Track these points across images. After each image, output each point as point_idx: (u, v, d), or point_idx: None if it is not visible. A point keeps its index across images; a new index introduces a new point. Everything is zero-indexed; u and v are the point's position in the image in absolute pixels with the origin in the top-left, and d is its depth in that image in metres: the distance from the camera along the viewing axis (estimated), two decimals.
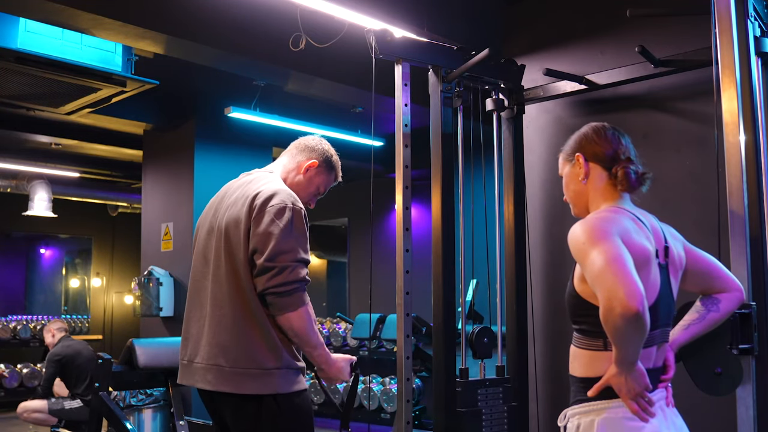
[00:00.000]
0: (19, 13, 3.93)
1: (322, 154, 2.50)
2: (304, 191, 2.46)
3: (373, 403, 5.99)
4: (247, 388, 2.18)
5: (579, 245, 1.76)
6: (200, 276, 2.36)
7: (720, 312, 1.97)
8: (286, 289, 2.15)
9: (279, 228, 2.18)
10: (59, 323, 6.33)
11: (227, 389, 2.20)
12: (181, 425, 4.29)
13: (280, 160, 2.53)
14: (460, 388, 3.16)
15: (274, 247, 2.16)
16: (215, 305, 2.26)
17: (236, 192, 2.36)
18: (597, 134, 1.98)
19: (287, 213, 2.21)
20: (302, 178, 2.47)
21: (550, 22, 3.87)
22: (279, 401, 2.19)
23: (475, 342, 3.29)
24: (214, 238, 2.33)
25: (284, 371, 2.20)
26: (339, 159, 2.56)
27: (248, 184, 2.35)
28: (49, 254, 12.63)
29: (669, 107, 3.36)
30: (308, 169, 2.47)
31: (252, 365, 2.18)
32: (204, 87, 6.25)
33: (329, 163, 2.52)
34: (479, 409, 3.20)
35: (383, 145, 7.22)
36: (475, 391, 3.20)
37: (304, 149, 2.50)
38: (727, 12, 2.28)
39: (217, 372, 2.21)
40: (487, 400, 3.23)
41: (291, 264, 2.16)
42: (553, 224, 3.68)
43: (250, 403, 2.19)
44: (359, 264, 9.51)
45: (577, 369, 1.86)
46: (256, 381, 2.18)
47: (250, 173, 2.48)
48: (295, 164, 2.49)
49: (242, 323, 2.20)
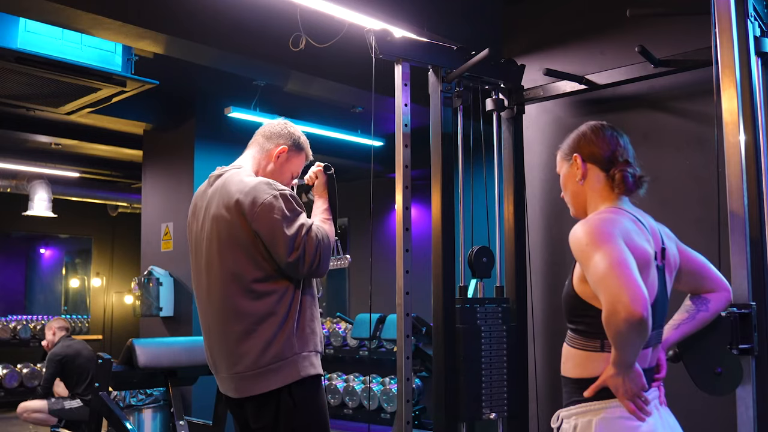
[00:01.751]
0: (19, 13, 3.94)
1: (289, 138, 2.49)
2: (279, 178, 2.44)
3: (373, 403, 5.99)
4: (266, 386, 2.22)
5: (582, 246, 1.75)
6: (197, 287, 2.40)
7: (709, 311, 1.99)
8: (318, 257, 2.23)
9: (278, 222, 2.20)
10: (61, 322, 6.32)
11: (250, 393, 2.24)
12: (181, 425, 4.29)
13: (248, 153, 2.51)
14: (459, 305, 3.16)
15: (285, 241, 2.19)
16: (215, 316, 2.30)
17: (215, 199, 2.33)
18: (595, 134, 1.97)
19: (276, 203, 2.22)
20: (274, 166, 2.46)
21: (550, 22, 3.87)
22: (293, 390, 2.23)
23: (474, 261, 3.28)
24: (203, 249, 2.35)
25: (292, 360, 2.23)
26: (306, 138, 2.55)
27: (224, 187, 2.33)
28: (49, 254, 12.63)
29: (669, 107, 3.36)
30: (279, 155, 2.46)
31: (261, 365, 2.21)
32: (204, 87, 6.25)
33: (298, 145, 2.50)
34: (478, 327, 3.19)
35: (383, 145, 7.23)
36: (473, 309, 3.20)
37: (271, 136, 2.49)
38: (727, 12, 2.28)
39: (240, 379, 2.25)
40: (486, 318, 3.23)
41: (305, 241, 2.21)
42: (553, 224, 3.68)
43: (270, 399, 2.23)
44: (359, 264, 9.49)
45: (571, 369, 1.85)
46: (271, 377, 2.21)
47: (220, 172, 2.44)
48: (265, 153, 2.47)
49: (239, 329, 2.23)
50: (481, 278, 3.30)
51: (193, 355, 4.24)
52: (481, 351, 3.17)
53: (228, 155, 2.73)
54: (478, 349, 3.16)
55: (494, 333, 3.24)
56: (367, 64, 3.04)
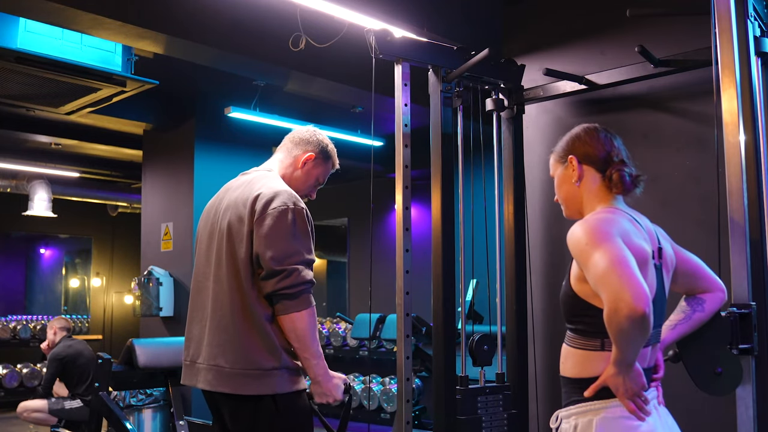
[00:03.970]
0: (19, 13, 3.94)
1: (317, 146, 2.50)
2: (304, 185, 2.47)
3: (373, 403, 5.99)
4: (246, 389, 2.18)
5: (581, 246, 1.76)
6: (202, 277, 2.37)
7: (705, 312, 1.99)
8: (294, 291, 2.16)
9: (283, 231, 2.19)
10: (63, 322, 6.31)
11: (227, 390, 2.20)
12: (181, 425, 4.29)
13: (276, 157, 2.52)
14: (459, 396, 3.15)
15: (280, 250, 2.17)
16: (216, 306, 2.27)
17: (236, 192, 2.35)
18: (589, 136, 1.97)
19: (290, 215, 2.21)
20: (300, 173, 2.47)
21: (550, 22, 3.87)
22: (278, 401, 2.19)
23: (475, 349, 3.28)
24: (215, 239, 2.33)
25: (283, 371, 2.20)
26: (334, 147, 2.56)
27: (248, 185, 2.35)
28: (49, 254, 12.63)
29: (669, 107, 3.36)
30: (305, 162, 2.47)
31: (251, 366, 2.18)
32: (204, 87, 6.25)
33: (325, 153, 2.52)
34: (479, 417, 3.19)
35: (383, 145, 7.22)
36: (474, 398, 3.19)
37: (299, 142, 2.50)
38: (727, 12, 2.27)
39: (217, 372, 2.21)
40: (487, 407, 3.22)
41: (298, 267, 2.17)
42: (553, 224, 3.68)
43: (249, 404, 2.19)
44: (359, 264, 9.51)
45: (570, 369, 1.85)
46: (255, 381, 2.18)
47: (249, 173, 2.47)
48: (292, 159, 2.48)
49: (242, 324, 2.21)
50: (482, 366, 3.30)
51: None
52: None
53: (228, 155, 2.74)
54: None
55: (495, 422, 3.23)
56: (367, 64, 3.04)
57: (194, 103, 6.48)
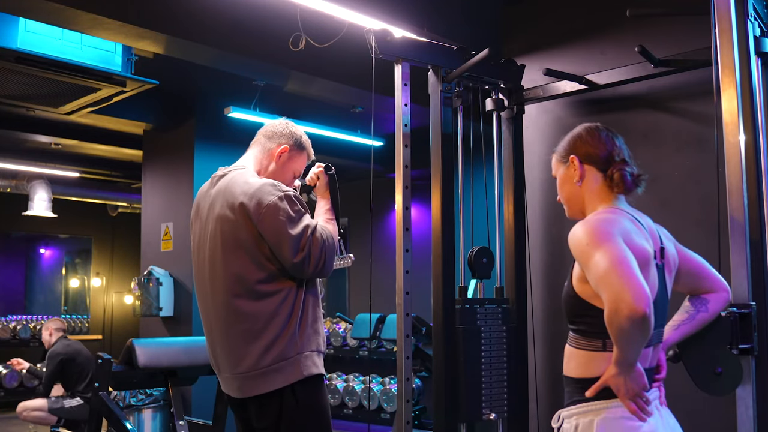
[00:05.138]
0: (19, 13, 3.94)
1: (291, 137, 2.49)
2: (281, 178, 2.44)
3: (373, 403, 5.99)
4: (269, 386, 2.21)
5: (582, 246, 1.76)
6: (200, 286, 2.40)
7: (709, 312, 1.99)
8: (323, 257, 2.25)
9: (282, 224, 2.20)
10: (58, 322, 6.32)
11: (256, 392, 2.24)
12: (181, 425, 4.29)
13: (250, 152, 2.51)
14: (459, 306, 3.16)
15: (291, 242, 2.19)
16: (218, 317, 2.30)
17: (219, 200, 2.33)
18: (591, 135, 1.97)
19: (281, 204, 2.22)
20: (275, 166, 2.47)
21: (550, 22, 3.87)
22: (296, 389, 2.22)
23: (474, 262, 3.27)
24: (206, 250, 2.34)
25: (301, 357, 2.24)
26: (308, 138, 2.55)
27: (227, 188, 2.32)
28: (49, 254, 12.62)
29: (669, 107, 3.36)
30: (280, 155, 2.46)
31: (264, 365, 2.21)
32: (204, 87, 6.25)
33: (299, 144, 2.50)
34: (478, 327, 3.19)
35: (383, 145, 7.22)
36: (473, 309, 3.19)
37: (272, 136, 2.49)
38: (727, 12, 2.28)
39: (243, 379, 2.25)
40: (486, 319, 3.23)
41: (311, 242, 2.22)
42: (553, 224, 3.68)
43: (273, 398, 2.23)
44: (359, 264, 9.50)
45: (573, 369, 1.85)
46: (277, 375, 2.21)
47: (223, 172, 2.44)
48: (267, 153, 2.48)
49: (242, 329, 2.23)
50: (481, 279, 3.30)
51: (193, 355, 4.23)
52: (481, 351, 3.17)
53: (228, 155, 2.74)
54: (477, 350, 3.16)
55: (494, 333, 3.24)
56: (367, 64, 3.04)
57: (194, 103, 6.48)
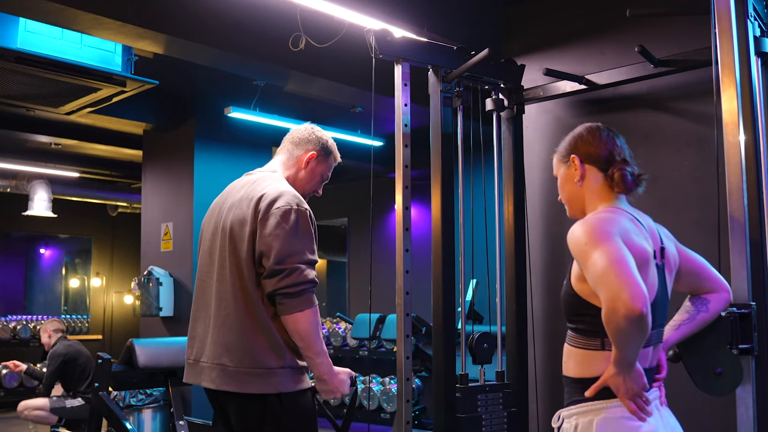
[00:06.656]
0: (19, 13, 3.94)
1: (317, 143, 2.50)
2: (310, 183, 2.48)
3: (372, 403, 5.99)
4: (251, 388, 2.18)
5: (580, 246, 1.76)
6: (206, 276, 2.37)
7: (709, 312, 1.99)
8: (296, 290, 2.16)
9: (285, 231, 2.19)
10: (56, 324, 6.31)
11: (231, 388, 2.21)
12: (181, 425, 4.29)
13: (278, 158, 2.52)
14: (459, 394, 3.15)
15: (282, 249, 2.17)
16: (220, 305, 2.27)
17: (240, 192, 2.36)
18: (591, 135, 1.97)
19: (293, 215, 2.21)
20: (305, 173, 2.48)
21: (550, 22, 3.87)
22: (283, 400, 2.19)
23: (474, 348, 3.28)
24: (218, 238, 2.34)
25: (288, 370, 2.21)
26: (333, 141, 2.56)
27: (252, 185, 2.35)
28: (48, 254, 12.63)
29: (669, 107, 3.36)
30: (308, 161, 2.48)
31: (256, 365, 2.18)
32: (204, 87, 6.25)
33: (326, 149, 2.52)
34: (479, 415, 3.19)
35: (383, 145, 7.22)
36: (474, 396, 3.20)
37: (299, 142, 2.50)
38: (727, 12, 2.28)
39: (221, 371, 2.22)
40: (487, 405, 3.23)
41: (300, 266, 2.17)
42: (553, 224, 3.68)
43: (254, 403, 2.20)
44: (359, 264, 9.50)
45: (572, 369, 1.85)
46: (260, 380, 2.18)
47: (253, 173, 2.48)
48: (295, 160, 2.49)
49: (246, 323, 2.21)
50: (481, 364, 3.30)
51: None
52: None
53: (228, 155, 2.74)
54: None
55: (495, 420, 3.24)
56: (367, 64, 3.04)
57: (194, 103, 6.48)
